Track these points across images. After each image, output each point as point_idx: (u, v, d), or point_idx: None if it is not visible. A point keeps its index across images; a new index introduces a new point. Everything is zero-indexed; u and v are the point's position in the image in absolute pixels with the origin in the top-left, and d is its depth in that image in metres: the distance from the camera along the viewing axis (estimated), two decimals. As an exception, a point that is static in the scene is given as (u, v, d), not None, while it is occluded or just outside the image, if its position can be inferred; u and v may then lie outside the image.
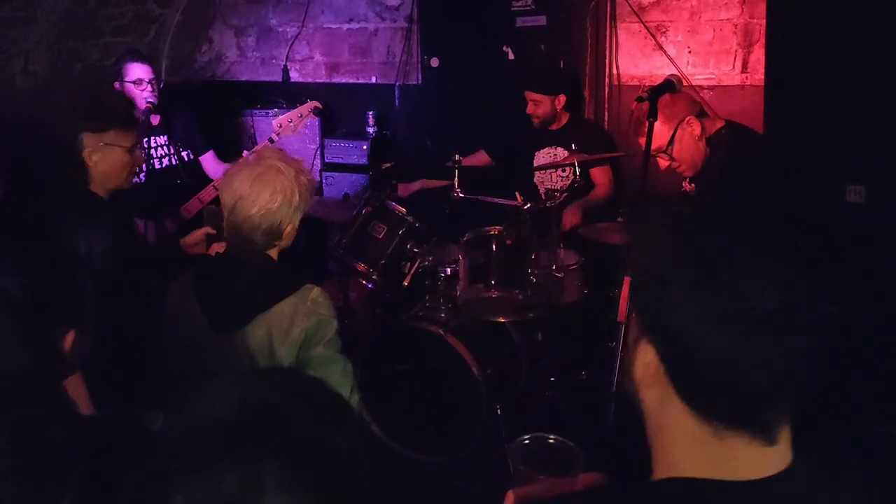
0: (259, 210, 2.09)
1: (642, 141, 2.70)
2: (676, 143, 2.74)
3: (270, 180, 2.11)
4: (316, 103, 3.96)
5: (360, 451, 0.84)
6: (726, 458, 0.95)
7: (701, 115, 2.77)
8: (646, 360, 0.97)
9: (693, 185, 2.88)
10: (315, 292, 2.17)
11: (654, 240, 1.02)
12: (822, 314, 0.93)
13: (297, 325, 2.12)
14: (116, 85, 3.92)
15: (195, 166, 4.18)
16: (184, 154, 4.14)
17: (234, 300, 2.14)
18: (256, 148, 3.93)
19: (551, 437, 1.32)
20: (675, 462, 0.98)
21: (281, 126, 3.87)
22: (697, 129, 2.73)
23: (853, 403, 2.99)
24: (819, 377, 0.95)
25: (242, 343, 2.11)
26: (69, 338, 1.34)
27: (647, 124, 2.62)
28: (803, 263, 0.94)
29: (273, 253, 2.21)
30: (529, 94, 4.06)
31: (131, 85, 3.87)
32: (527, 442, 1.31)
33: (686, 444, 0.97)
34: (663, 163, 2.82)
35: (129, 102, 3.46)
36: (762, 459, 0.95)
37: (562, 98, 4.06)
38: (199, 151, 4.20)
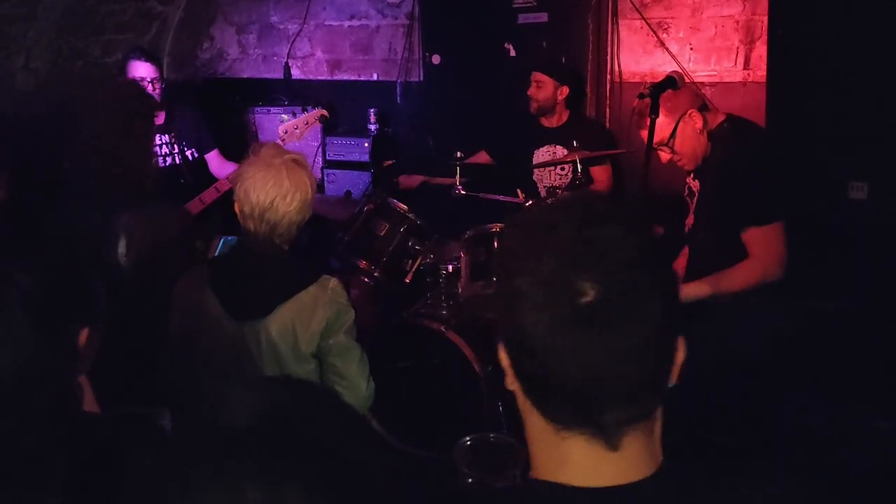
0: (297, 205, 2.16)
1: (643, 134, 2.69)
2: (678, 136, 2.73)
3: (297, 175, 2.17)
4: (323, 111, 3.96)
5: (379, 469, 0.83)
6: (565, 460, 0.94)
7: (703, 108, 2.76)
8: (502, 358, 0.98)
9: (696, 180, 2.87)
10: (333, 282, 2.25)
11: (505, 239, 1.02)
12: (653, 312, 0.89)
13: (318, 313, 2.19)
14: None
15: (198, 165, 4.17)
16: (188, 153, 4.13)
17: (256, 291, 2.19)
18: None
19: (492, 434, 1.32)
20: (532, 458, 0.99)
21: (286, 132, 3.87)
22: (699, 123, 2.72)
23: (854, 398, 2.99)
24: (661, 380, 0.93)
25: (265, 332, 2.17)
26: (83, 335, 1.35)
27: (648, 120, 2.62)
28: (632, 257, 0.90)
29: (287, 247, 2.26)
30: (535, 76, 4.05)
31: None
32: (469, 443, 1.32)
33: (537, 443, 0.97)
34: (664, 156, 2.81)
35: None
36: (601, 466, 0.93)
37: (564, 89, 4.05)
38: (205, 150, 4.19)
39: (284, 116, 4.15)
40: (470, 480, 1.16)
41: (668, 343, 0.93)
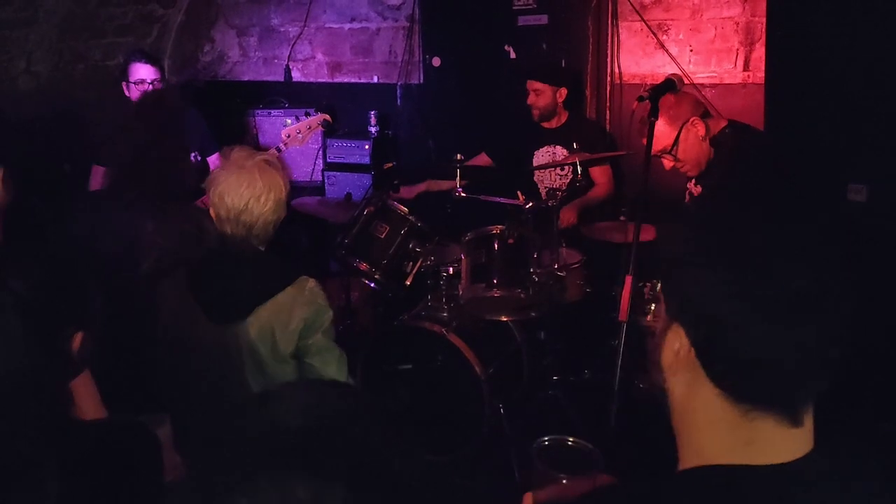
0: (272, 205, 2.17)
1: (645, 140, 2.70)
2: (681, 143, 2.75)
3: (269, 175, 2.17)
4: (326, 116, 3.96)
5: (411, 477, 0.85)
6: (753, 440, 0.96)
7: (705, 115, 2.78)
8: (675, 346, 1.00)
9: (699, 186, 2.88)
10: (311, 283, 2.25)
11: (685, 228, 1.05)
12: (850, 295, 0.94)
13: (296, 314, 2.20)
14: (123, 85, 3.93)
15: (200, 168, 4.18)
16: (191, 155, 4.13)
17: (235, 293, 2.20)
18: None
19: (570, 438, 1.33)
20: (701, 448, 1.00)
21: (289, 136, 3.87)
22: (702, 130, 2.74)
23: (857, 402, 2.99)
24: (846, 358, 0.97)
25: (244, 334, 2.18)
26: (77, 339, 1.36)
27: (648, 123, 2.63)
28: (829, 246, 0.96)
29: (264, 248, 2.27)
30: (531, 84, 4.06)
31: (134, 85, 3.88)
32: (547, 443, 1.32)
33: (713, 429, 0.99)
34: (668, 164, 2.83)
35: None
36: (788, 441, 0.97)
37: (563, 91, 4.06)
38: (207, 152, 4.19)
39: (288, 121, 4.14)
40: (564, 480, 1.18)
41: (850, 321, 0.97)
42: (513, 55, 4.47)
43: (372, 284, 3.53)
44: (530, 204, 3.28)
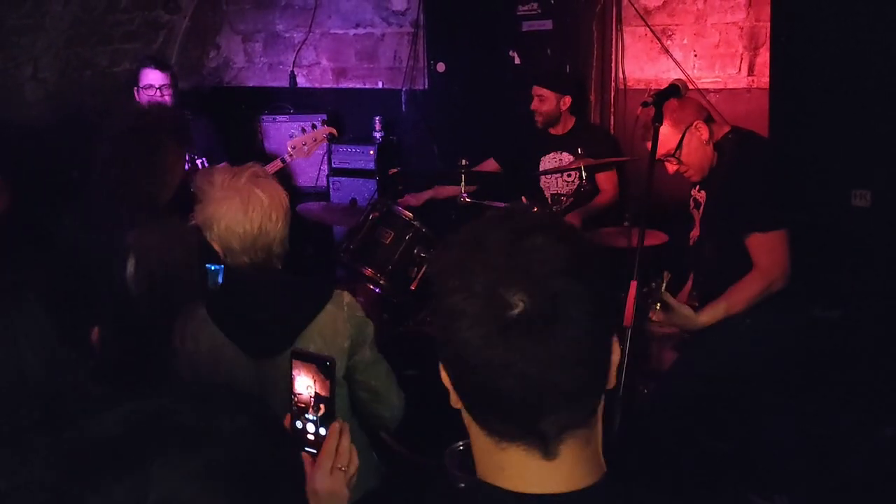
0: (283, 218, 2.03)
1: (650, 145, 2.71)
2: (684, 147, 2.75)
3: (269, 189, 2.02)
4: (332, 130, 3.98)
5: (250, 431, 0.84)
6: (503, 467, 0.96)
7: (708, 120, 2.78)
8: (444, 377, 1.01)
9: (702, 191, 2.89)
10: (347, 296, 2.11)
11: (437, 259, 1.03)
12: (583, 318, 0.91)
13: (340, 333, 2.05)
14: (134, 90, 3.95)
15: None
16: (198, 161, 4.14)
17: (272, 324, 2.03)
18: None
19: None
20: (477, 464, 1.01)
21: (294, 148, 3.89)
22: (705, 134, 2.74)
23: (859, 406, 2.99)
24: (597, 385, 0.94)
25: (287, 365, 2.03)
26: (95, 333, 1.45)
27: (652, 129, 2.63)
28: (559, 266, 0.91)
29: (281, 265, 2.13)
30: (536, 90, 4.06)
31: (143, 90, 3.90)
32: (461, 448, 1.34)
33: (480, 453, 1.00)
34: (671, 167, 2.83)
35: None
36: (539, 474, 0.94)
37: (567, 99, 4.07)
38: (215, 160, 4.20)
39: (294, 132, 4.15)
40: (462, 485, 1.17)
41: (602, 347, 0.94)
42: (517, 60, 4.47)
43: (377, 290, 3.54)
44: (535, 210, 3.28)
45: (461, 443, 1.37)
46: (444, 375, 1.00)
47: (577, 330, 0.90)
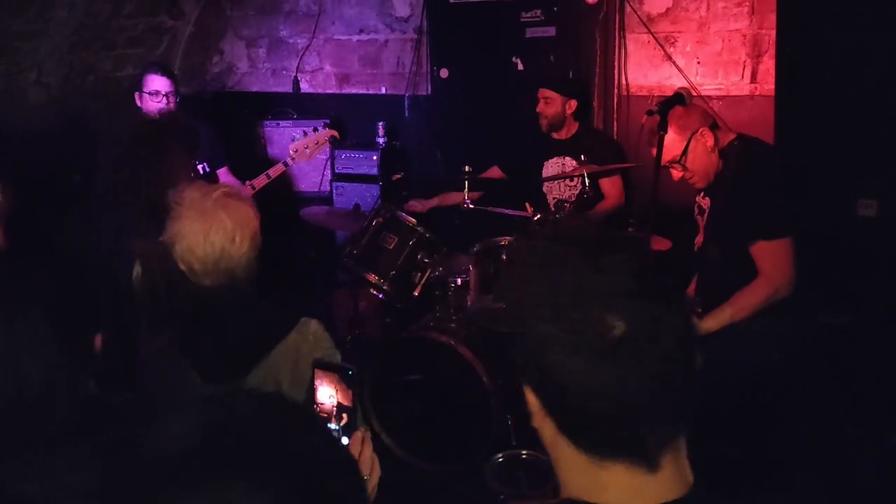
0: (249, 242, 1.95)
1: (655, 152, 2.71)
2: (690, 153, 2.75)
3: (236, 211, 1.94)
4: (334, 133, 3.98)
5: (324, 451, 0.85)
6: (606, 486, 0.97)
7: (714, 127, 2.78)
8: (530, 400, 1.01)
9: (707, 198, 2.89)
10: (314, 325, 2.03)
11: (514, 281, 1.03)
12: (675, 334, 0.93)
13: (302, 363, 1.95)
14: (136, 95, 3.95)
15: (209, 180, 4.19)
16: (199, 167, 4.14)
17: (231, 350, 1.96)
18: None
19: (524, 452, 1.34)
20: (565, 484, 1.02)
21: (297, 151, 3.88)
22: (710, 141, 2.74)
23: (867, 413, 2.99)
24: (698, 401, 0.96)
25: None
26: (97, 340, 1.43)
27: (657, 137, 2.64)
28: (645, 284, 0.94)
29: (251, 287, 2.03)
30: (542, 92, 4.07)
31: (148, 96, 3.90)
32: (501, 460, 1.34)
33: (575, 474, 1.00)
34: (676, 174, 2.83)
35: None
36: (644, 488, 0.96)
37: (573, 103, 4.07)
38: (217, 165, 4.20)
39: (296, 136, 4.16)
40: (502, 497, 1.18)
41: (690, 360, 0.96)
42: (520, 67, 4.48)
43: (380, 295, 3.54)
44: (538, 215, 3.28)
45: (500, 455, 1.37)
46: (530, 398, 1.01)
47: (672, 346, 0.93)
